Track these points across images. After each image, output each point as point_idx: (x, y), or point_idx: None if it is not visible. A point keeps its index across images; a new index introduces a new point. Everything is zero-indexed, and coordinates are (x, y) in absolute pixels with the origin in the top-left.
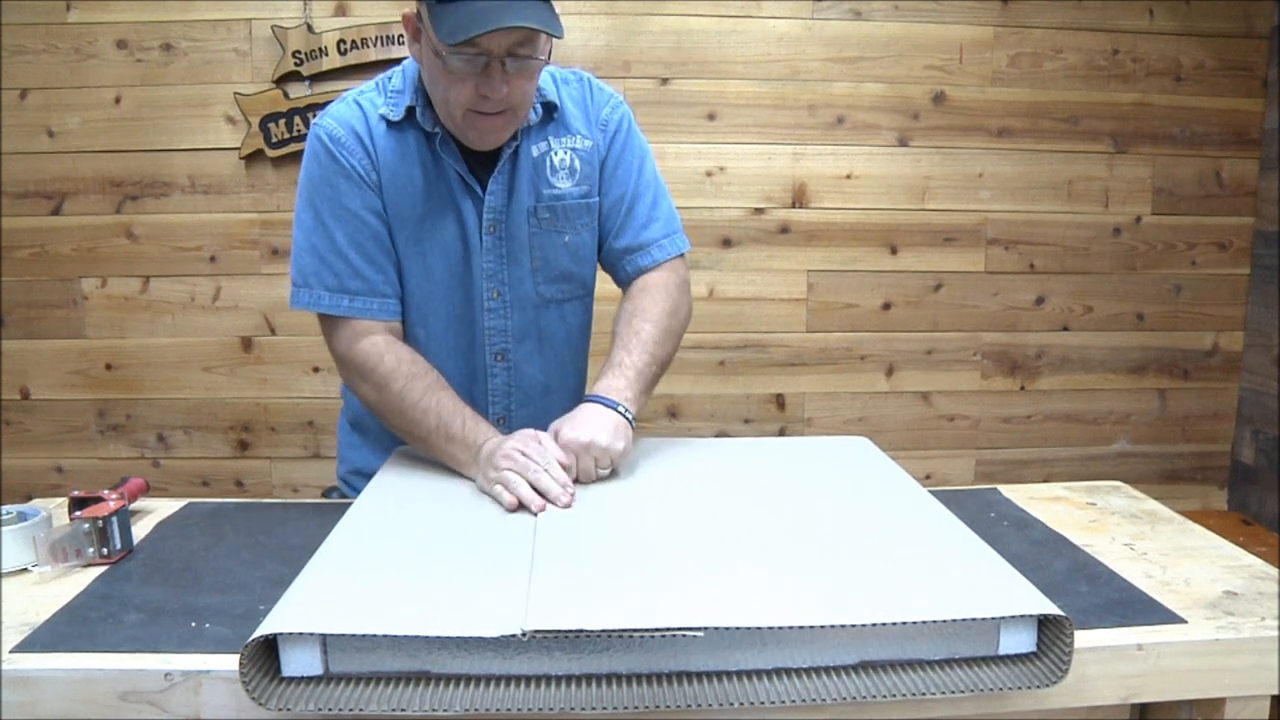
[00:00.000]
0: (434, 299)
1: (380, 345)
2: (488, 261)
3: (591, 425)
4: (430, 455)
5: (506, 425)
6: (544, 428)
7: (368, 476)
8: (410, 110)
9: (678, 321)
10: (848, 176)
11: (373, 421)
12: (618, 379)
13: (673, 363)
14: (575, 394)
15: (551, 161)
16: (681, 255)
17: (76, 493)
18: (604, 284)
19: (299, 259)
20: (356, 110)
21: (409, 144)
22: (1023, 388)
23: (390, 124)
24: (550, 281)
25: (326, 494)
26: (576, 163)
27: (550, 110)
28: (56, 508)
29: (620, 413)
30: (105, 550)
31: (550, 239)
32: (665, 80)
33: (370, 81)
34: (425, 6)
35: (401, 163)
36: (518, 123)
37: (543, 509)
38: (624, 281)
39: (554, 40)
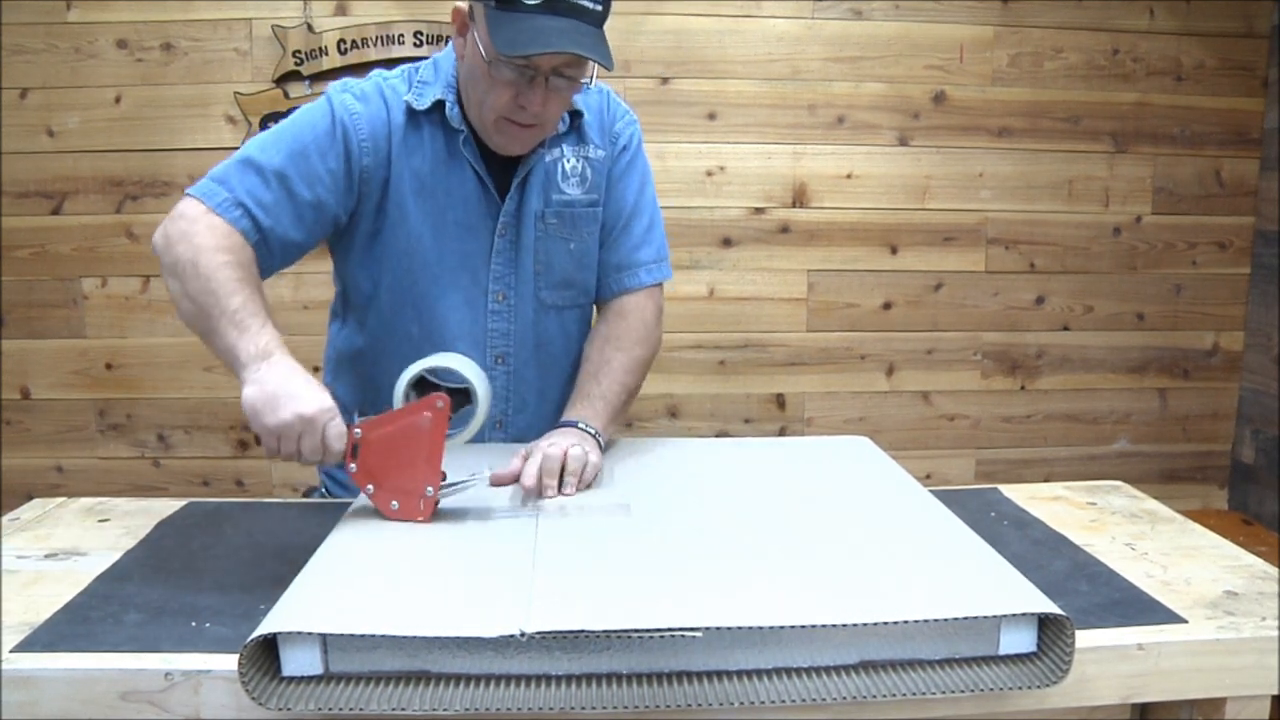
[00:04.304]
0: (439, 295)
1: (228, 233)
2: (497, 264)
3: (565, 440)
4: (202, 336)
5: (502, 429)
6: (538, 434)
7: (342, 484)
8: (438, 104)
9: (648, 350)
10: (848, 176)
11: (345, 385)
12: (587, 408)
13: (673, 362)
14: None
15: (564, 167)
16: (661, 284)
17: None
18: None
19: (226, 164)
20: (379, 99)
21: (425, 138)
22: (1023, 387)
23: (410, 114)
24: (552, 287)
25: (307, 494)
26: (588, 171)
27: (576, 118)
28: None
29: (592, 435)
30: None
31: (556, 244)
32: (665, 80)
33: (396, 70)
34: (482, 8)
35: (418, 156)
36: (544, 135)
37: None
38: (603, 297)
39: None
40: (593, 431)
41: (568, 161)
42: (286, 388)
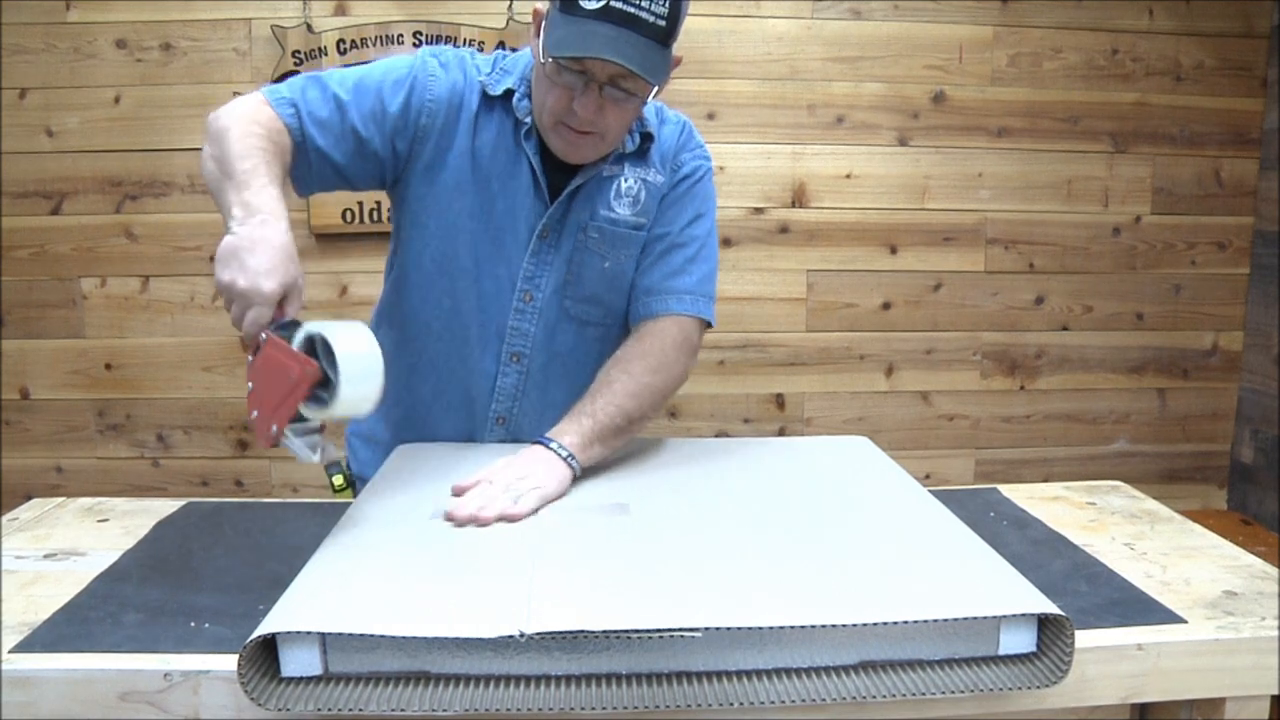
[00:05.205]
0: (474, 278)
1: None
2: (529, 264)
3: (520, 468)
4: (215, 200)
5: (506, 426)
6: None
7: (365, 439)
8: (509, 93)
9: (662, 380)
10: (847, 176)
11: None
12: (570, 425)
13: None
14: None
15: (619, 185)
16: (698, 321)
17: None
18: None
19: (298, 77)
20: (460, 71)
21: (495, 121)
22: (1022, 387)
23: (485, 96)
24: (577, 300)
25: (329, 468)
26: (643, 194)
27: (647, 141)
28: None
29: (563, 458)
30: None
31: (591, 259)
32: None
33: (489, 54)
34: (552, 7)
35: (483, 138)
36: (605, 148)
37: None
38: (631, 322)
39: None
40: (565, 455)
41: (625, 180)
42: (248, 251)
